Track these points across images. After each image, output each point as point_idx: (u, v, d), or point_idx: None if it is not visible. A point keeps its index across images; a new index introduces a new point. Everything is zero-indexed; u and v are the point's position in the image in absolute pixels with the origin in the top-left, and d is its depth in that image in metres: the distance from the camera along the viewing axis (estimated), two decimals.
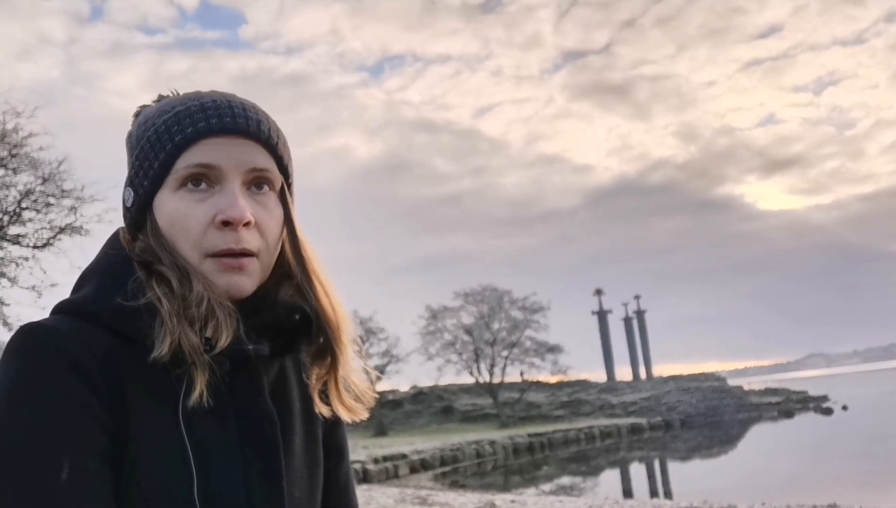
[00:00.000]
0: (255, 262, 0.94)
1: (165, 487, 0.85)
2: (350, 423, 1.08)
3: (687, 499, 12.83)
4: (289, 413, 1.00)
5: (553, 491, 18.90)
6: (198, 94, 0.98)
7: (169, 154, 0.93)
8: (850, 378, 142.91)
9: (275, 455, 0.93)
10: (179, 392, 0.88)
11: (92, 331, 0.88)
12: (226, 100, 0.96)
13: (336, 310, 1.00)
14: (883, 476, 17.00)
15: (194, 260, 0.92)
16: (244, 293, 0.94)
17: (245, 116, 0.95)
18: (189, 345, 0.87)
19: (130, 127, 1.02)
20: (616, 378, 61.42)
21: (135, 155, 0.97)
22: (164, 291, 0.89)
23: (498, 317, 44.18)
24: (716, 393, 46.29)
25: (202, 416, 0.88)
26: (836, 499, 10.89)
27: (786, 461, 22.04)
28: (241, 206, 0.91)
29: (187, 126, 0.93)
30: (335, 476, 1.11)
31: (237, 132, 0.94)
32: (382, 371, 43.12)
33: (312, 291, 0.99)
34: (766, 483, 16.33)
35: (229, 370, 0.90)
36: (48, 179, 20.11)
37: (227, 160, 0.93)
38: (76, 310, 0.92)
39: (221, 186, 0.93)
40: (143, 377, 0.87)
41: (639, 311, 69.61)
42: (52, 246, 20.52)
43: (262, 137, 0.95)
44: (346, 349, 1.01)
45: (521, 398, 45.33)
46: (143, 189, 0.95)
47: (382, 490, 16.71)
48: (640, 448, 32.85)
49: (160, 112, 0.97)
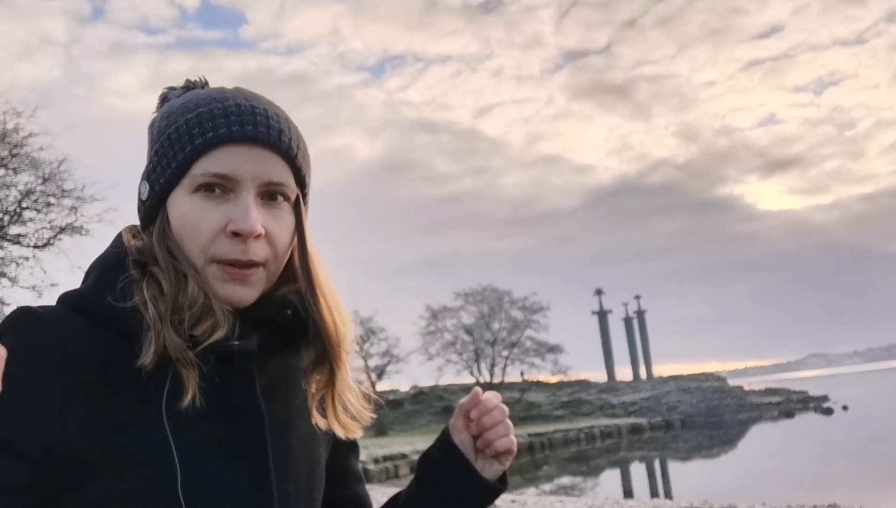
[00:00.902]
0: (260, 272, 0.95)
1: (150, 482, 0.86)
2: (344, 440, 1.08)
3: (687, 499, 12.83)
4: (285, 410, 0.99)
5: (553, 491, 18.89)
6: (222, 93, 0.97)
7: (187, 156, 0.93)
8: (850, 378, 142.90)
9: (262, 448, 0.93)
10: (164, 388, 0.88)
11: (84, 324, 0.89)
12: (249, 105, 0.95)
13: (338, 326, 0.99)
14: (883, 477, 16.99)
15: (199, 263, 0.93)
16: (244, 304, 0.94)
17: (267, 124, 0.94)
18: (173, 345, 0.87)
19: (155, 114, 1.02)
20: (616, 378, 61.47)
21: (154, 150, 0.97)
22: (153, 293, 0.90)
23: (498, 317, 44.27)
24: (716, 393, 46.29)
25: (189, 411, 0.88)
26: (837, 499, 10.88)
27: (786, 461, 22.03)
28: (253, 219, 0.91)
29: (208, 130, 0.92)
30: (352, 468, 1.16)
31: (257, 141, 0.93)
32: (383, 371, 43.66)
33: (316, 305, 0.98)
34: (767, 483, 16.33)
35: (219, 367, 0.91)
36: (48, 179, 20.15)
37: (244, 171, 0.92)
38: (72, 303, 0.93)
39: (236, 194, 0.93)
40: (130, 373, 0.88)
41: (639, 311, 69.68)
42: (52, 246, 20.57)
43: (281, 148, 0.95)
44: (345, 365, 1.01)
45: (522, 397, 45.33)
46: (159, 186, 0.95)
47: (383, 491, 16.71)
48: (640, 448, 32.85)
49: (184, 109, 0.96)
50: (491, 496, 1.08)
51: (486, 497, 1.08)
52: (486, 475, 1.08)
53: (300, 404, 1.02)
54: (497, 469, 1.09)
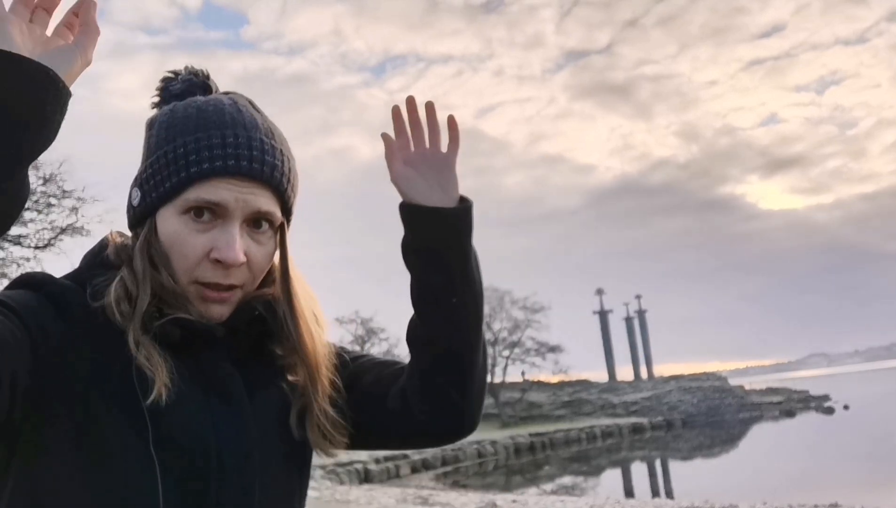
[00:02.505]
0: (238, 293, 1.01)
1: (123, 438, 0.90)
2: (320, 457, 1.10)
3: (688, 499, 12.83)
4: (256, 381, 1.03)
5: (554, 491, 18.89)
6: (222, 115, 1.00)
7: (182, 181, 0.97)
8: (851, 378, 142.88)
9: (239, 399, 0.99)
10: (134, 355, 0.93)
11: (76, 289, 0.96)
12: (247, 137, 0.99)
13: (317, 350, 1.05)
14: (884, 476, 16.98)
15: (182, 282, 0.98)
16: (219, 320, 1.00)
17: (262, 160, 0.98)
18: (134, 341, 0.92)
19: (155, 112, 1.05)
20: (617, 378, 61.36)
21: (150, 161, 1.01)
22: (119, 295, 0.95)
23: (499, 317, 44.21)
24: (717, 393, 46.27)
25: (162, 382, 0.92)
26: (838, 499, 10.89)
27: (787, 460, 22.03)
28: (237, 250, 0.97)
29: (204, 161, 0.96)
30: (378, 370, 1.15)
31: (251, 177, 0.97)
32: None
33: (297, 329, 1.04)
34: (768, 482, 16.32)
35: (187, 345, 0.96)
36: (49, 180, 20.13)
37: (234, 201, 0.97)
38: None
39: (223, 221, 0.97)
40: (110, 342, 0.93)
41: (640, 310, 69.55)
42: (53, 247, 20.55)
43: (273, 183, 0.99)
44: (322, 385, 1.05)
45: (523, 397, 45.32)
46: (150, 198, 0.99)
47: (384, 490, 16.71)
48: (641, 448, 32.85)
49: (184, 128, 0.99)
50: (462, 217, 1.05)
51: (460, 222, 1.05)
52: (445, 193, 1.06)
53: (276, 391, 1.05)
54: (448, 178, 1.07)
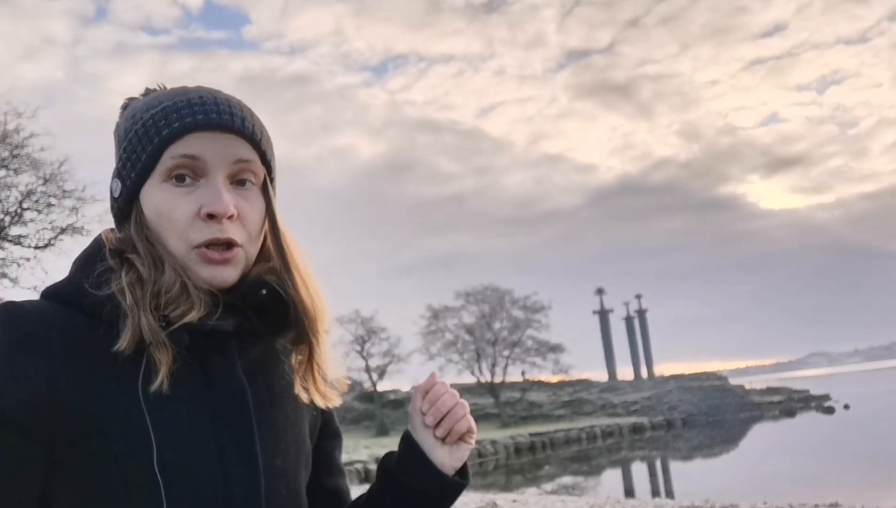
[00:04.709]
0: (240, 253, 0.98)
1: (129, 459, 0.88)
2: (325, 408, 1.11)
3: (689, 498, 12.82)
4: (269, 390, 1.03)
5: (555, 491, 18.89)
6: (184, 89, 1.02)
7: (156, 147, 0.97)
8: (851, 377, 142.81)
9: (247, 422, 0.96)
10: (140, 370, 0.91)
11: (63, 312, 0.93)
12: (212, 96, 1.00)
13: (314, 300, 1.03)
14: (885, 475, 16.99)
15: (181, 251, 0.96)
16: (227, 284, 0.98)
17: (230, 112, 0.99)
18: (148, 327, 0.90)
19: (118, 119, 1.06)
20: (617, 378, 61.46)
21: (123, 147, 1.01)
22: (131, 279, 0.93)
23: (499, 317, 44.26)
24: (717, 392, 46.31)
25: (168, 391, 0.91)
26: (838, 498, 10.87)
27: (787, 460, 22.03)
28: (226, 200, 0.96)
29: (174, 121, 0.97)
30: (335, 459, 1.17)
31: (222, 127, 0.98)
32: (384, 371, 43.71)
33: (291, 280, 1.02)
34: (768, 482, 16.33)
35: (199, 348, 0.94)
36: (49, 180, 20.17)
37: (212, 154, 0.97)
38: (52, 294, 0.97)
39: (206, 179, 0.97)
40: (110, 356, 0.91)
41: (640, 310, 69.62)
42: (53, 246, 20.60)
43: (245, 133, 1.00)
44: (322, 338, 1.04)
45: (523, 397, 45.36)
46: (130, 180, 0.99)
47: None
48: (641, 448, 32.86)
49: (148, 106, 1.00)
50: (451, 490, 1.07)
51: (447, 491, 1.07)
52: (450, 462, 1.08)
53: (285, 385, 1.05)
54: (461, 457, 1.09)
